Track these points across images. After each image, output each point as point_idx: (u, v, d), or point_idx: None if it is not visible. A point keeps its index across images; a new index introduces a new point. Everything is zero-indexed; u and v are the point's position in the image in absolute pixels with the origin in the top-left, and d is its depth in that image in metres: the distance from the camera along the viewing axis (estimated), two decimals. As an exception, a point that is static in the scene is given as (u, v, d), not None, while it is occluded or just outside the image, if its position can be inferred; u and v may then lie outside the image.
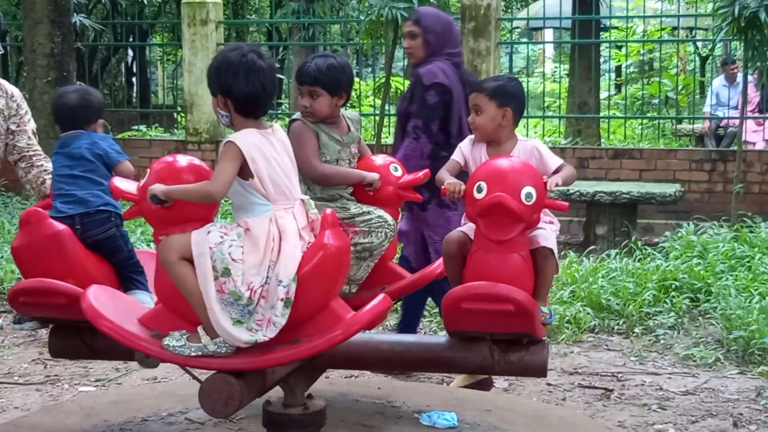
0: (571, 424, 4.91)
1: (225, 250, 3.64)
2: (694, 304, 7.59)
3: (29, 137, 5.16)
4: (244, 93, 3.78)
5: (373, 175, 4.76)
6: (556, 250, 4.21)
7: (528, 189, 3.99)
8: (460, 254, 4.17)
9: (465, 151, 4.51)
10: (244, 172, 3.72)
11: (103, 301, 3.92)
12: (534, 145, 4.44)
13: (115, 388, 5.98)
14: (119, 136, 13.59)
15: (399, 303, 6.10)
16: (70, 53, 10.86)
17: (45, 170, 5.19)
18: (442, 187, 4.31)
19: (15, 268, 7.94)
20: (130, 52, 21.64)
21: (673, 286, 7.68)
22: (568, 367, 6.40)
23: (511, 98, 4.44)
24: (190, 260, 3.70)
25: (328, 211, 3.81)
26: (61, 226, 4.50)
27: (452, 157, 4.55)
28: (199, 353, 3.70)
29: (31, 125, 5.22)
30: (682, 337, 7.04)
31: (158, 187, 3.86)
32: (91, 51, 17.44)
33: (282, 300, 3.61)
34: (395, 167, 4.86)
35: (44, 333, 7.22)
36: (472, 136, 4.56)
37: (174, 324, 3.82)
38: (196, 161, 4.05)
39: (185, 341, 3.72)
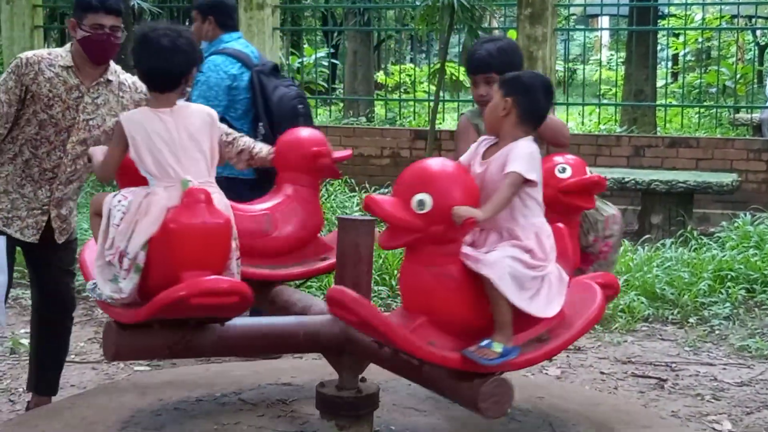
0: (624, 412, 4.88)
1: (114, 213, 3.79)
2: (750, 294, 7.52)
3: None
4: (141, 68, 3.95)
5: None
6: (504, 284, 3.47)
7: (421, 196, 3.46)
8: None
9: (473, 144, 3.93)
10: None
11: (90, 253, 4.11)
12: (511, 148, 3.70)
13: (169, 368, 6.03)
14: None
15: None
16: (127, 36, 10.94)
17: None
18: None
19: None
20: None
21: (729, 277, 7.62)
22: (621, 356, 6.37)
23: (520, 90, 3.81)
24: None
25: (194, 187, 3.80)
26: None
27: (468, 150, 3.99)
28: (98, 298, 3.86)
29: None
30: (738, 327, 6.98)
31: (95, 149, 4.17)
32: (148, 34, 17.53)
33: (128, 269, 3.74)
34: (563, 168, 4.20)
35: (100, 313, 7.31)
36: None
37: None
38: None
39: (94, 286, 3.87)
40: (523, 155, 3.62)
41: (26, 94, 4.66)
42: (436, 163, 3.63)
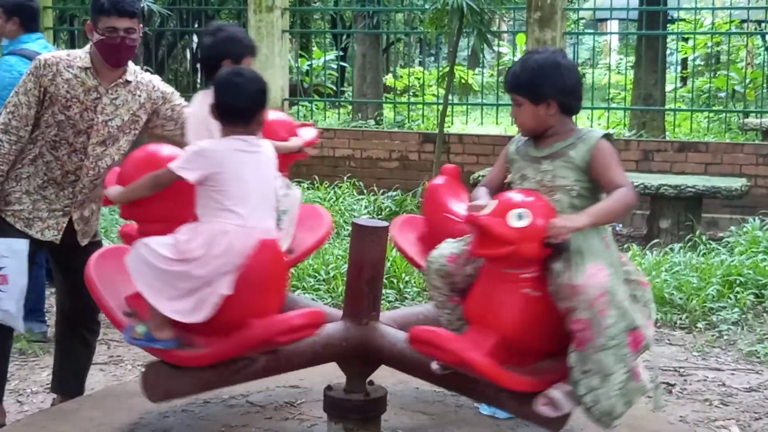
0: (632, 417, 4.86)
1: None
2: (758, 300, 7.50)
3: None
4: None
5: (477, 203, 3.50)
6: (132, 269, 3.60)
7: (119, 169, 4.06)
8: None
9: None
10: None
11: None
12: None
13: (177, 369, 6.03)
14: (184, 121, 13.67)
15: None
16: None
17: None
18: None
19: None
20: (196, 38, 21.78)
21: (738, 282, 7.60)
22: (629, 361, 6.36)
23: (214, 97, 3.80)
24: None
25: None
26: None
27: None
28: None
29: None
30: (746, 333, 6.96)
31: None
32: (158, 36, 17.59)
33: None
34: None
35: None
36: None
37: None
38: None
39: None
40: (185, 152, 3.63)
41: (44, 95, 4.66)
42: (150, 147, 3.94)
